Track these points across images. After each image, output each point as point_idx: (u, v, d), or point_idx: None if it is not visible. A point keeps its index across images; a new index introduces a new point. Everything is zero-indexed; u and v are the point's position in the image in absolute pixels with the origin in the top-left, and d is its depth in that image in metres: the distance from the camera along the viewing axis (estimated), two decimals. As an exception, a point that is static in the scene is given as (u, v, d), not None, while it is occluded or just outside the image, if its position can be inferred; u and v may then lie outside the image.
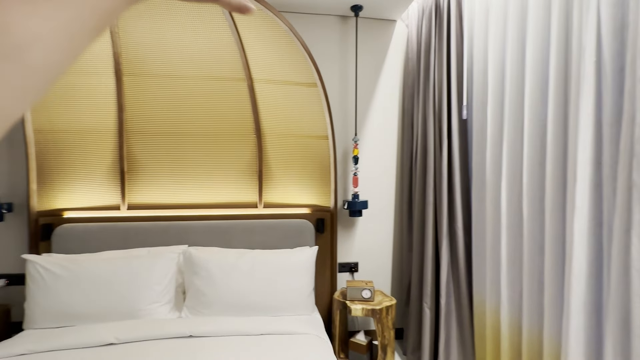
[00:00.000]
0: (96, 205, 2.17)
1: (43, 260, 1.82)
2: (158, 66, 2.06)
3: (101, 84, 2.05)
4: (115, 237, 2.09)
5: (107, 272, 1.82)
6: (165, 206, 2.23)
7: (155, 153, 2.20)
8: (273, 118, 2.26)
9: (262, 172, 2.31)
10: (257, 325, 1.72)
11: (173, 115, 2.17)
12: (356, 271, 2.51)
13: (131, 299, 1.79)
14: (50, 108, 2.03)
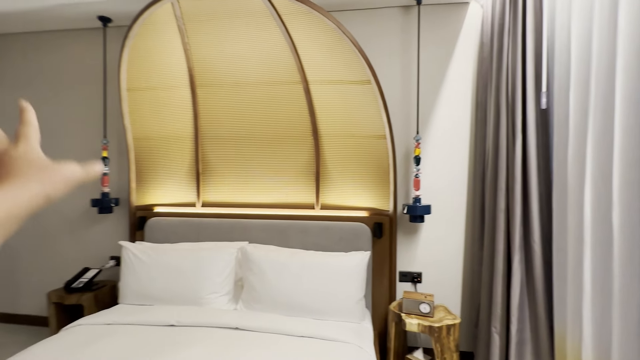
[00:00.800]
0: (177, 202, 2.49)
1: (134, 247, 2.17)
2: (223, 76, 2.25)
3: (180, 96, 2.35)
4: (191, 231, 2.35)
5: (179, 261, 2.06)
6: (232, 204, 2.42)
7: (223, 156, 2.41)
8: (329, 119, 2.24)
9: (319, 173, 2.31)
10: (301, 327, 1.72)
11: (238, 120, 2.34)
12: (419, 282, 2.30)
13: (195, 287, 1.99)
14: (144, 119, 2.41)
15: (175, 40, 2.17)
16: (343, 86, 2.13)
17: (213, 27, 2.09)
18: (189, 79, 2.29)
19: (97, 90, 2.61)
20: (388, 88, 2.28)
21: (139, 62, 2.26)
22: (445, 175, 2.26)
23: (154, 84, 2.33)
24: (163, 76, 2.30)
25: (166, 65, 2.28)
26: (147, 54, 2.24)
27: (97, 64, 2.60)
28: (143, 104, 2.38)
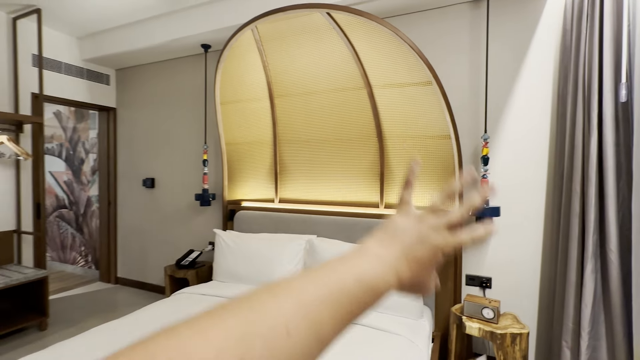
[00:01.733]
0: (260, 198, 2.86)
1: (224, 235, 2.60)
2: (296, 87, 2.52)
3: (261, 106, 2.71)
4: (270, 223, 2.69)
5: (257, 248, 2.40)
6: (304, 201, 2.68)
7: (297, 158, 2.69)
8: (393, 121, 2.31)
9: (383, 173, 2.40)
10: (356, 315, 1.85)
11: (309, 125, 2.58)
12: (488, 287, 2.20)
13: (270, 271, 2.30)
14: (233, 127, 2.85)
15: (256, 59, 2.53)
16: (405, 89, 2.18)
17: (285, 45, 2.38)
18: (268, 91, 2.63)
19: (200, 104, 3.17)
20: (455, 87, 2.24)
21: (229, 80, 2.69)
22: (518, 176, 2.11)
23: (241, 97, 2.74)
24: (247, 90, 2.70)
25: (249, 81, 2.66)
26: (235, 73, 2.65)
27: (200, 84, 3.17)
28: (233, 115, 2.81)
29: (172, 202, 3.38)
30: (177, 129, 3.34)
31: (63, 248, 4.34)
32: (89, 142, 4.11)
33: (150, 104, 3.50)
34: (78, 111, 4.21)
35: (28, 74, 2.95)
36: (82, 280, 3.92)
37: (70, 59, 3.29)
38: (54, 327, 2.73)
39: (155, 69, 3.45)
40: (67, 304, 3.21)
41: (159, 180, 3.47)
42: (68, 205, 4.30)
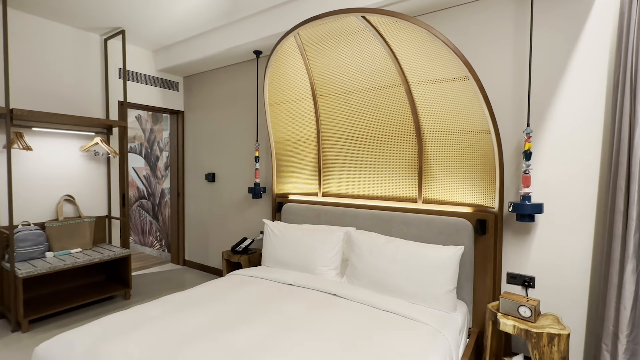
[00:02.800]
0: (304, 192, 3.07)
1: (272, 225, 2.86)
2: (336, 87, 2.66)
3: (305, 106, 2.90)
4: (313, 215, 2.89)
5: (301, 238, 2.61)
6: (345, 195, 2.82)
7: (339, 154, 2.83)
8: (431, 117, 2.33)
9: (422, 168, 2.44)
10: (387, 302, 1.96)
11: (350, 123, 2.71)
12: (531, 287, 2.13)
13: (311, 260, 2.49)
14: (281, 126, 3.09)
15: (299, 63, 2.72)
16: (442, 84, 2.19)
17: (325, 48, 2.53)
18: (311, 91, 2.81)
19: (252, 106, 3.48)
20: (495, 80, 2.18)
21: (276, 82, 2.92)
22: (566, 172, 2.00)
23: (287, 98, 2.96)
24: (293, 91, 2.91)
25: (294, 83, 2.86)
26: (281, 76, 2.88)
27: (252, 87, 3.47)
28: (280, 115, 3.05)
29: (229, 195, 3.76)
30: (234, 128, 3.70)
31: (143, 233, 5.05)
32: (163, 141, 4.72)
33: (212, 106, 3.92)
34: (154, 115, 4.85)
35: (115, 85, 3.52)
36: (157, 261, 4.54)
37: (147, 70, 3.83)
38: (135, 297, 3.26)
39: (215, 75, 3.85)
40: (145, 280, 3.77)
41: (218, 175, 3.87)
42: (146, 196, 4.99)
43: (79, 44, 3.24)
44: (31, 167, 2.95)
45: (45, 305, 2.75)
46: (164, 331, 1.60)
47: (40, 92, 3.00)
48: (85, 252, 3.04)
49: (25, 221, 2.94)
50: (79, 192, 3.27)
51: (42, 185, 3.03)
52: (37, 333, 2.55)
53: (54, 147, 3.08)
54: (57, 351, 1.50)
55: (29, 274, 2.54)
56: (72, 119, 2.83)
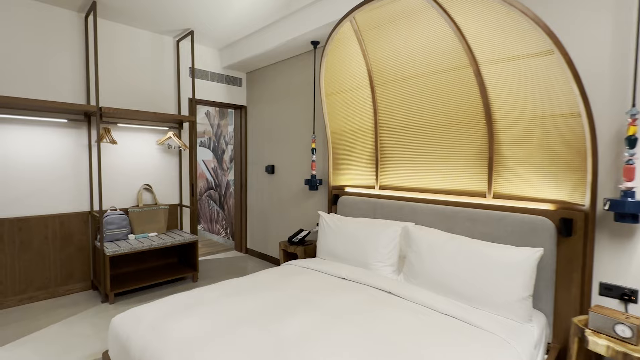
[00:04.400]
0: (361, 184, 2.97)
1: (327, 217, 2.82)
2: (395, 73, 2.49)
3: (362, 95, 2.79)
4: (369, 208, 2.78)
5: (356, 231, 2.53)
6: (403, 188, 2.66)
7: (397, 144, 2.67)
8: (504, 100, 2.06)
9: (492, 159, 2.18)
10: (447, 306, 1.78)
11: (409, 111, 2.53)
12: (633, 302, 1.76)
13: (365, 254, 2.40)
14: (337, 117, 3.02)
15: (356, 50, 2.61)
16: (518, 62, 1.91)
17: (382, 33, 2.38)
18: (368, 80, 2.69)
19: (310, 98, 3.46)
20: (588, 53, 1.83)
21: (333, 72, 2.85)
22: (687, 162, 1.60)
23: (343, 88, 2.87)
24: (349, 81, 2.81)
25: (351, 72, 2.76)
26: (338, 65, 2.80)
27: (310, 79, 3.45)
28: (337, 105, 2.98)
29: (287, 186, 3.83)
30: (292, 121, 3.74)
31: (211, 221, 5.43)
32: (228, 135, 4.99)
33: (271, 100, 4.01)
34: (221, 110, 5.15)
35: (186, 83, 3.79)
36: (223, 248, 4.84)
37: (214, 67, 4.06)
38: (201, 280, 3.51)
39: (274, 69, 3.93)
40: (211, 265, 4.04)
41: (277, 167, 3.96)
42: (214, 187, 5.35)
43: (154, 46, 3.54)
44: (116, 158, 3.33)
45: (127, 281, 3.10)
46: (219, 314, 1.66)
47: (123, 92, 3.35)
48: (160, 236, 3.35)
49: (113, 206, 3.33)
50: (155, 181, 3.61)
51: (125, 174, 3.40)
52: (120, 305, 2.88)
53: (134, 141, 3.43)
54: (128, 323, 1.65)
55: (114, 253, 2.87)
56: (150, 115, 3.11)
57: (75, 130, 3.09)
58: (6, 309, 2.79)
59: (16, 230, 2.83)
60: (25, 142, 2.84)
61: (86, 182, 3.17)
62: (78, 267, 3.15)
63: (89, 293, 3.13)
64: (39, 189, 2.93)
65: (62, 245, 3.05)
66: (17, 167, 2.82)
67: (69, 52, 3.02)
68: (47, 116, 2.91)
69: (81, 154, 3.12)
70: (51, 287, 3.01)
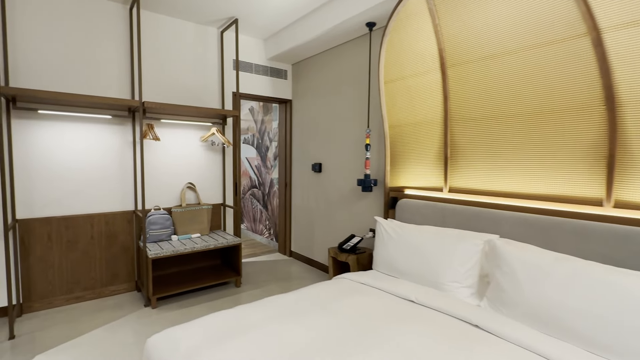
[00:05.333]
0: (425, 186, 2.55)
1: (385, 223, 2.44)
2: (475, 51, 2.04)
3: (429, 81, 2.36)
4: (436, 215, 2.36)
5: (422, 242, 2.13)
6: (481, 192, 2.20)
7: (473, 139, 2.22)
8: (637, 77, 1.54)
9: (614, 157, 1.66)
10: (564, 354, 1.33)
11: (491, 97, 2.07)
12: None
13: (436, 271, 1.98)
14: (397, 107, 2.61)
15: (426, 25, 2.18)
16: (670, 22, 1.39)
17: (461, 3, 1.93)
18: (439, 61, 2.25)
19: (363, 88, 3.09)
20: None
21: (394, 55, 2.45)
22: None
23: (406, 73, 2.46)
24: (414, 64, 2.39)
25: (416, 53, 2.34)
26: (401, 46, 2.39)
27: (364, 66, 3.07)
28: (397, 94, 2.58)
29: (336, 186, 3.49)
30: (342, 114, 3.38)
31: (254, 220, 5.26)
32: (272, 131, 4.76)
33: (319, 92, 3.69)
34: (265, 105, 4.94)
35: (229, 77, 3.59)
36: (266, 249, 4.64)
37: (258, 59, 3.82)
38: (245, 285, 3.29)
39: (322, 59, 3.60)
40: (255, 268, 3.83)
41: (325, 165, 3.64)
42: (257, 186, 5.16)
43: (198, 38, 3.37)
44: (159, 156, 3.20)
45: (170, 285, 2.95)
46: (267, 346, 1.36)
47: (166, 86, 3.21)
48: (203, 238, 3.18)
49: (156, 206, 3.21)
50: (198, 180, 3.45)
51: (168, 173, 3.27)
52: (162, 310, 2.73)
53: (177, 138, 3.29)
54: (163, 347, 1.41)
55: (156, 255, 2.72)
56: (193, 110, 2.93)
57: (120, 127, 2.99)
58: (54, 308, 2.75)
59: (63, 229, 2.78)
60: (70, 139, 2.78)
61: (130, 180, 3.07)
62: (123, 267, 3.06)
63: (133, 295, 3.03)
64: (85, 187, 2.86)
65: (107, 244, 2.98)
66: (63, 164, 2.77)
67: (114, 45, 2.92)
68: (92, 112, 2.83)
69: (126, 151, 3.02)
70: (97, 287, 2.95)
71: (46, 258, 2.73)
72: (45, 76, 2.65)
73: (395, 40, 2.38)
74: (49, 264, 2.74)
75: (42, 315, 2.63)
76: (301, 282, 3.38)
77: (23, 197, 2.62)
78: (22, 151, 2.60)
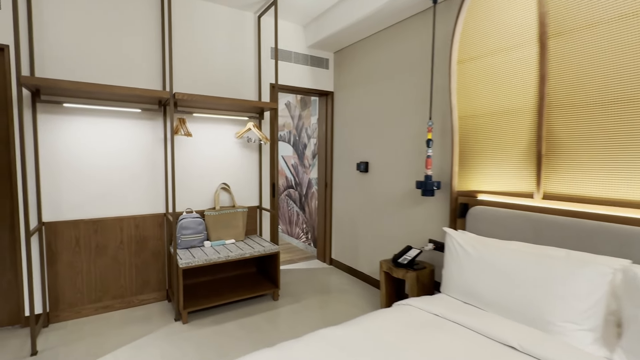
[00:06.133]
0: (507, 191, 2.05)
1: (459, 237, 1.98)
2: (596, 11, 1.52)
3: (520, 57, 1.86)
4: (526, 228, 1.86)
5: (514, 264, 1.65)
6: (592, 200, 1.67)
7: (582, 130, 1.70)
8: None
9: None
10: None
11: (612, 75, 1.54)
12: None
13: (539, 306, 1.50)
14: (472, 93, 2.13)
15: (524, -18, 1.69)
16: None
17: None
18: (537, 29, 1.75)
19: (424, 73, 2.61)
20: None
21: (473, 28, 1.97)
22: None
23: (487, 49, 1.97)
24: (499, 37, 1.90)
25: (506, 23, 1.85)
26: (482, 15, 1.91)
27: (425, 47, 2.60)
28: (472, 77, 2.09)
29: (386, 189, 3.04)
30: (395, 105, 2.93)
31: (290, 223, 4.93)
32: (311, 127, 4.39)
33: (365, 82, 3.25)
34: (302, 100, 4.57)
35: (267, 67, 3.25)
36: (303, 255, 4.28)
37: (298, 47, 3.45)
38: (283, 298, 2.94)
39: (370, 42, 3.16)
40: (292, 277, 3.47)
41: (372, 164, 3.20)
42: (294, 186, 4.82)
43: (234, 24, 3.05)
44: (191, 154, 2.92)
45: (202, 296, 2.66)
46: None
47: (197, 77, 2.92)
48: (238, 245, 2.86)
49: (189, 208, 2.94)
50: (232, 180, 3.15)
51: (201, 172, 2.98)
52: (194, 327, 2.44)
53: (209, 134, 2.99)
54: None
55: (188, 265, 2.43)
56: (228, 102, 2.61)
57: (150, 122, 2.73)
58: (82, 319, 2.54)
59: (92, 232, 2.56)
60: (97, 136, 2.55)
61: (161, 180, 2.81)
62: (153, 274, 2.81)
63: (163, 305, 2.77)
64: (113, 187, 2.63)
65: (137, 250, 2.74)
66: (91, 162, 2.54)
67: (143, 33, 2.66)
68: (120, 105, 2.58)
69: (156, 148, 2.77)
70: (126, 295, 2.72)
71: (75, 264, 2.52)
72: (71, 67, 2.43)
73: (475, 9, 1.90)
74: (77, 270, 2.53)
75: (69, 326, 2.42)
76: (344, 296, 2.98)
77: (49, 198, 2.42)
78: (47, 148, 2.40)
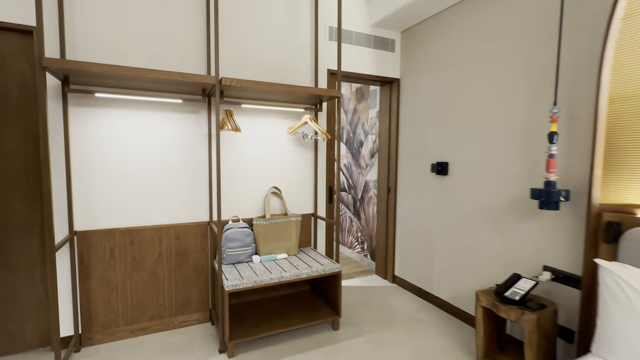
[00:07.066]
0: (699, 207, 1.36)
1: (624, 274, 1.33)
2: None
3: None
4: None
5: None
6: None
7: None
8: None
9: None
10: None
11: None
12: None
13: None
14: (635, 66, 1.46)
15: None
16: None
17: None
18: None
19: (539, 44, 1.96)
20: None
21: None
22: None
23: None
24: None
25: None
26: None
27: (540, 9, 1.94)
28: None
29: (474, 196, 2.41)
30: (489, 92, 2.29)
31: (342, 230, 4.41)
32: (369, 122, 3.83)
33: (443, 64, 2.64)
34: (358, 91, 4.03)
35: (324, 50, 2.75)
36: (359, 268, 3.74)
37: (360, 26, 2.92)
38: (343, 328, 2.42)
39: (451, 16, 2.54)
40: (351, 297, 2.95)
41: (453, 165, 2.58)
42: (347, 189, 4.29)
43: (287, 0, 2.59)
44: (237, 151, 2.50)
45: (250, 324, 2.22)
46: None
47: (245, 62, 2.49)
48: (291, 261, 2.40)
49: (235, 216, 2.52)
50: (283, 183, 2.69)
51: (249, 174, 2.55)
52: None
53: (258, 129, 2.55)
54: None
55: (234, 288, 2.00)
56: (283, 89, 2.15)
57: (192, 115, 2.34)
58: (117, 342, 2.21)
59: (128, 243, 2.22)
60: (134, 131, 2.20)
61: (205, 183, 2.41)
62: (195, 292, 2.43)
63: (206, 329, 2.38)
64: (151, 191, 2.27)
65: (177, 264, 2.36)
66: (126, 162, 2.19)
67: (186, 13, 2.27)
68: (159, 95, 2.21)
69: (200, 146, 2.37)
70: (165, 316, 2.35)
71: (109, 279, 2.19)
72: (104, 52, 2.09)
73: None
74: (112, 287, 2.20)
75: (102, 352, 2.09)
76: (421, 329, 2.39)
77: (81, 204, 2.10)
78: (78, 146, 2.08)
